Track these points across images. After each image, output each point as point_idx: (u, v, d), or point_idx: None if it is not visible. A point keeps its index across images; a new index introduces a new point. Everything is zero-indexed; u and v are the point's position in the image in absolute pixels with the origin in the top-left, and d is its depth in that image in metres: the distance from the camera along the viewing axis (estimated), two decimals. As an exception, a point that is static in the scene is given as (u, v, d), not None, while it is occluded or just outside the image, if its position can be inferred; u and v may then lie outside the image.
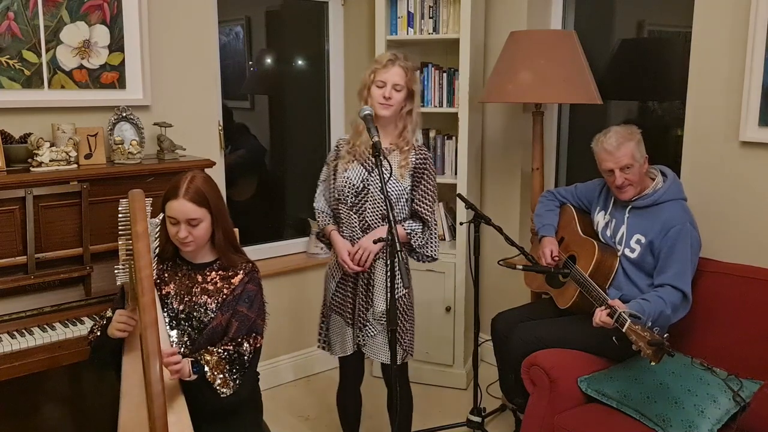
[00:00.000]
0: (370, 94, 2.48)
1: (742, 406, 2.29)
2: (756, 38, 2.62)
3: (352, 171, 2.50)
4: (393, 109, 2.47)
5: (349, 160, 2.51)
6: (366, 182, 2.49)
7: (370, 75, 2.49)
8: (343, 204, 2.53)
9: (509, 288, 3.66)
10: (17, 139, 2.57)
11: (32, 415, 2.63)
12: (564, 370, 2.51)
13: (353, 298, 2.55)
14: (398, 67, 2.47)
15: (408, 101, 2.51)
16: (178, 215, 2.06)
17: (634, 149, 2.58)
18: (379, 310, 2.50)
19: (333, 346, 2.62)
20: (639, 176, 2.62)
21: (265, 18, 3.78)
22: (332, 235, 2.57)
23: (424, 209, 2.52)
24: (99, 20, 2.74)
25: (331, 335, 2.62)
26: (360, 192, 2.49)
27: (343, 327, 2.57)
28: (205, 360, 1.98)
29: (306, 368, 3.73)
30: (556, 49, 3.08)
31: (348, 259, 2.48)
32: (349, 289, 2.55)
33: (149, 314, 1.77)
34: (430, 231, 2.54)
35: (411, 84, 2.50)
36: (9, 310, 2.35)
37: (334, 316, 2.60)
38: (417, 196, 2.52)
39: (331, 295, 2.60)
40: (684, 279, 2.50)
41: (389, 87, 2.45)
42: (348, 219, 2.53)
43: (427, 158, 2.54)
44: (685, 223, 2.54)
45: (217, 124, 3.25)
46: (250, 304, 2.13)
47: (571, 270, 2.73)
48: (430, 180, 2.53)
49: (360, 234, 2.51)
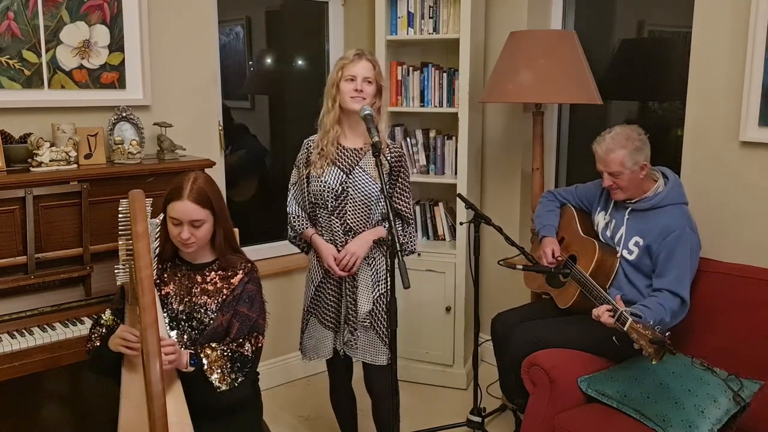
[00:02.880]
0: (340, 91, 2.44)
1: (742, 407, 2.29)
2: (756, 38, 2.62)
3: (329, 174, 2.46)
4: (365, 102, 2.42)
5: (323, 164, 2.48)
6: (345, 185, 2.46)
7: (337, 72, 2.46)
8: (321, 208, 2.50)
9: (509, 288, 3.66)
10: (17, 139, 2.57)
11: (32, 415, 2.63)
12: (564, 370, 2.51)
13: (336, 301, 2.53)
14: (366, 61, 2.46)
15: (377, 97, 2.49)
16: (181, 216, 2.05)
17: (624, 157, 2.55)
18: (362, 312, 2.49)
19: (307, 350, 2.61)
20: (630, 182, 2.60)
21: (265, 18, 3.78)
22: (314, 239, 2.54)
23: (403, 205, 2.53)
24: (99, 20, 2.74)
25: (307, 339, 2.61)
26: (339, 195, 2.46)
27: (322, 331, 2.55)
28: (205, 354, 1.99)
29: (305, 368, 3.73)
30: (556, 49, 3.08)
31: (334, 264, 2.46)
32: (330, 292, 2.54)
33: (149, 314, 1.77)
34: (411, 227, 2.57)
35: (379, 78, 2.49)
36: (9, 310, 2.35)
37: (312, 319, 2.58)
38: (396, 193, 2.52)
39: (310, 298, 2.59)
40: (683, 284, 2.50)
41: (360, 80, 2.43)
42: (328, 223, 2.50)
43: (401, 155, 2.54)
44: (685, 228, 2.54)
45: (217, 124, 3.25)
46: (250, 304, 2.13)
47: (571, 270, 2.73)
48: (405, 177, 2.54)
49: (342, 237, 2.48)
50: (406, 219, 2.55)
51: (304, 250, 2.66)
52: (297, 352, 3.67)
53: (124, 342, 1.94)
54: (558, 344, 2.61)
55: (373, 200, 2.47)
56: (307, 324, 2.61)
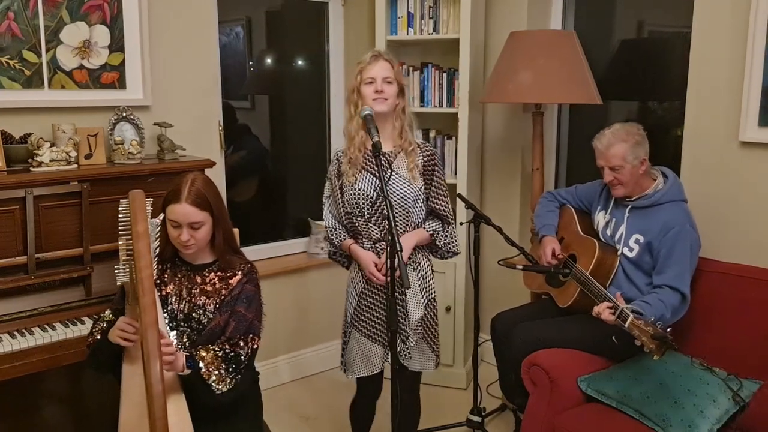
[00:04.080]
0: (361, 95, 2.38)
1: (741, 406, 2.29)
2: (756, 38, 2.62)
3: (363, 182, 2.40)
4: (388, 102, 2.37)
5: (355, 172, 2.41)
6: (379, 190, 2.38)
7: (356, 77, 2.41)
8: (359, 217, 2.43)
9: (509, 288, 3.66)
10: (17, 139, 2.57)
11: (32, 415, 2.63)
12: (564, 370, 2.52)
13: (384, 312, 2.41)
14: (384, 61, 2.40)
15: (400, 97, 2.43)
16: (180, 219, 2.05)
17: (625, 151, 2.57)
18: (414, 319, 2.42)
19: (352, 366, 2.50)
20: (631, 177, 2.61)
21: (265, 18, 3.79)
22: (353, 249, 2.45)
23: (441, 205, 2.46)
24: (99, 20, 2.74)
25: (350, 355, 2.50)
26: (375, 201, 2.40)
27: (367, 344, 2.45)
28: (200, 356, 1.98)
29: (306, 368, 3.73)
30: (556, 49, 3.08)
31: (375, 271, 2.37)
32: (375, 303, 2.44)
33: (149, 314, 1.77)
34: (450, 226, 2.49)
35: (400, 78, 2.43)
36: (9, 310, 2.35)
37: (355, 333, 2.48)
38: (432, 194, 2.46)
39: (353, 311, 2.49)
40: (683, 280, 2.50)
41: (380, 81, 2.36)
42: (367, 231, 2.43)
43: (433, 154, 2.47)
44: (685, 225, 2.55)
45: (217, 125, 3.25)
46: (248, 304, 2.13)
47: (571, 269, 2.73)
48: (440, 175, 2.48)
49: (382, 244, 2.40)
50: (445, 219, 2.47)
51: (344, 265, 2.57)
52: (298, 352, 3.72)
53: (122, 333, 1.94)
54: (558, 344, 2.61)
55: (410, 203, 2.40)
56: (349, 337, 2.51)
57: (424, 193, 2.45)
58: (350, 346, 2.51)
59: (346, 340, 2.53)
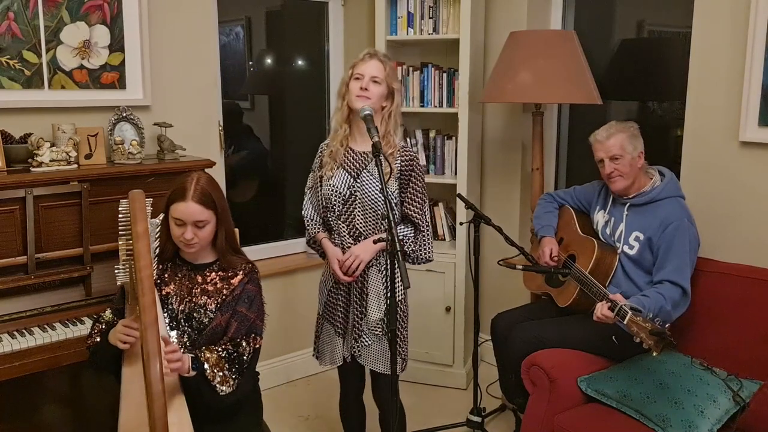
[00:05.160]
0: (348, 90, 2.38)
1: (741, 407, 2.29)
2: (756, 38, 2.62)
3: (338, 178, 2.41)
4: (371, 102, 2.33)
5: (332, 167, 2.42)
6: (352, 188, 2.39)
7: (348, 71, 2.42)
8: (330, 212, 2.45)
9: (509, 288, 3.66)
10: (17, 139, 2.57)
11: (32, 415, 2.63)
12: (564, 370, 2.52)
13: (345, 307, 2.48)
14: (376, 60, 2.39)
15: (388, 101, 2.41)
16: (185, 217, 2.05)
17: (624, 140, 2.62)
18: (373, 319, 2.42)
19: (323, 355, 2.57)
20: (630, 168, 2.63)
21: (265, 18, 3.79)
22: (323, 243, 2.49)
23: (414, 212, 2.42)
24: (99, 20, 2.74)
25: (322, 345, 2.57)
26: (347, 199, 2.41)
27: (333, 337, 2.50)
28: (204, 357, 1.98)
29: (305, 368, 3.73)
30: (556, 49, 3.08)
31: (337, 268, 2.41)
32: (340, 297, 2.48)
33: (149, 314, 1.77)
34: (422, 234, 2.44)
35: (390, 81, 2.39)
36: (9, 310, 2.35)
37: (326, 325, 2.54)
38: (406, 199, 2.42)
39: (323, 303, 2.55)
40: (683, 274, 2.50)
41: (367, 78, 2.35)
42: (337, 228, 2.45)
43: (413, 159, 2.43)
44: (683, 219, 2.56)
45: (217, 125, 3.25)
46: (249, 304, 2.13)
47: (570, 269, 2.73)
48: (418, 181, 2.44)
49: (350, 242, 2.43)
50: (418, 226, 2.43)
51: (321, 254, 2.57)
52: (297, 352, 3.72)
53: (124, 337, 1.94)
54: (557, 344, 2.61)
55: (381, 205, 2.38)
56: (321, 329, 2.57)
57: (397, 197, 2.43)
58: (322, 335, 2.57)
59: (319, 330, 2.59)
